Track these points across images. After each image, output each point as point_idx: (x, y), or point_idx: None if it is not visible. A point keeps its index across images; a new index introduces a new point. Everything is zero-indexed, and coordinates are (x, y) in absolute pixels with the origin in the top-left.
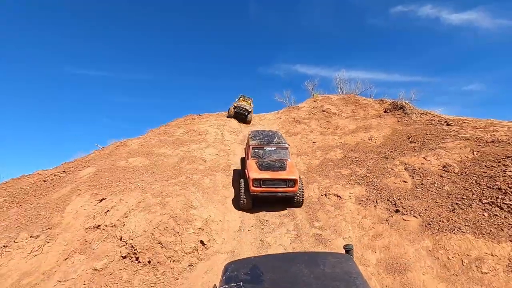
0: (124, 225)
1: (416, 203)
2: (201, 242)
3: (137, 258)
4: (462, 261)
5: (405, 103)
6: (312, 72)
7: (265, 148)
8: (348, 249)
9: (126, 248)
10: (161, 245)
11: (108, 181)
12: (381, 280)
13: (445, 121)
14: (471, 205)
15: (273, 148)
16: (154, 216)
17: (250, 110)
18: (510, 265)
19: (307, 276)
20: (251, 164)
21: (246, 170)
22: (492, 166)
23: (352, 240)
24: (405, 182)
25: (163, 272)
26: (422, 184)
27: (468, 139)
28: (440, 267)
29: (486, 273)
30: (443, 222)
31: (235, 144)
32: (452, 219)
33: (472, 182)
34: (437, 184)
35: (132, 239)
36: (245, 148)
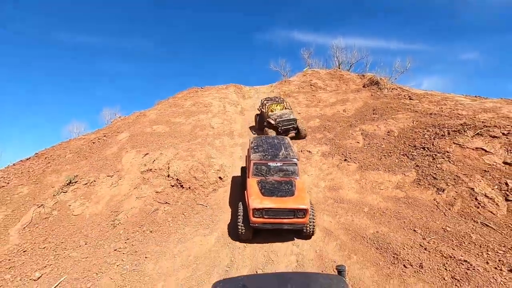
0: (169, 168)
1: (359, 156)
2: (219, 177)
3: (182, 186)
4: (372, 184)
5: (380, 79)
6: (309, 39)
7: (269, 164)
8: (340, 270)
9: (173, 181)
10: (195, 179)
11: (143, 142)
12: (325, 193)
13: (409, 96)
14: (391, 156)
15: (279, 164)
16: (188, 162)
17: (295, 117)
18: (396, 186)
19: None
20: (252, 185)
21: (246, 192)
22: (418, 131)
23: (313, 176)
24: (358, 142)
25: (198, 193)
26: (369, 144)
27: (416, 112)
28: (359, 188)
29: (382, 189)
30: (370, 165)
31: (235, 115)
32: (376, 164)
33: (400, 142)
34: (378, 144)
35: (176, 176)
36: (246, 156)
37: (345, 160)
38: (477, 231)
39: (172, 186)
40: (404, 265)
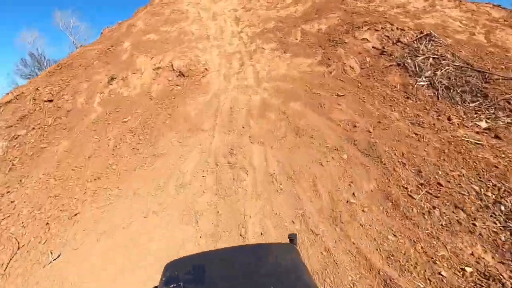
0: (172, 65)
1: (294, 48)
2: (205, 69)
3: (183, 75)
4: (296, 66)
5: None
6: None
7: None
8: (291, 239)
9: (177, 72)
10: (191, 70)
11: (145, 49)
12: (269, 74)
13: None
14: (312, 47)
15: None
16: (184, 60)
17: None
18: (308, 65)
19: (251, 271)
20: None
21: None
22: (337, 28)
23: (262, 64)
24: (296, 39)
25: (194, 78)
26: (303, 40)
27: (345, 11)
28: (288, 67)
29: (300, 68)
30: (298, 54)
31: (209, 21)
32: (301, 53)
33: (323, 38)
34: (309, 39)
35: (179, 69)
36: None
37: (284, 52)
38: (340, 85)
39: (177, 76)
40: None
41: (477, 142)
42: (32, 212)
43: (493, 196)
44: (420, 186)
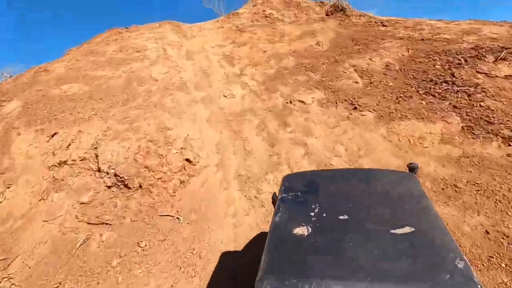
0: (97, 156)
1: (369, 100)
2: (187, 160)
3: (126, 185)
4: (409, 141)
5: (345, 5)
6: None
7: None
8: (412, 168)
9: (109, 177)
10: (148, 169)
11: (47, 113)
12: (353, 163)
13: (381, 22)
14: (411, 96)
15: None
16: (130, 142)
17: None
18: (442, 139)
19: (365, 193)
20: None
21: None
22: (424, 61)
23: (323, 137)
24: (356, 82)
25: (158, 192)
26: (371, 83)
27: (402, 38)
28: (395, 147)
29: (427, 147)
30: (392, 113)
31: (182, 60)
32: (398, 110)
33: (409, 76)
34: (383, 81)
35: (113, 169)
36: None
37: (354, 108)
38: None
39: (109, 187)
40: None
41: None
42: None
43: None
44: None
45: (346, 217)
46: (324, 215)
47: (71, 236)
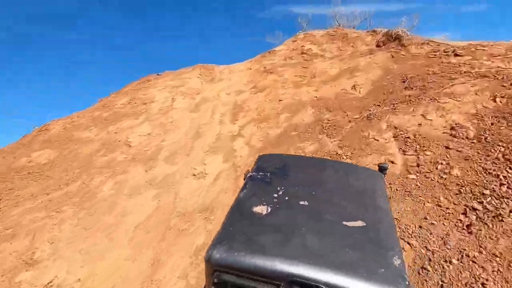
0: None
1: (407, 206)
2: None
3: None
4: None
5: (401, 31)
6: (307, 11)
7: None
8: (382, 168)
9: None
10: None
11: None
12: None
13: (453, 51)
14: (501, 215)
15: None
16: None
17: None
18: None
19: (331, 184)
20: None
21: None
22: None
23: None
24: (392, 162)
25: None
26: (418, 165)
27: (486, 76)
28: None
29: None
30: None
31: (184, 112)
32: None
33: (495, 156)
34: (442, 164)
35: None
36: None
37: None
38: None
39: None
40: None
41: None
42: None
43: None
44: None
45: (306, 203)
46: (286, 198)
47: None
